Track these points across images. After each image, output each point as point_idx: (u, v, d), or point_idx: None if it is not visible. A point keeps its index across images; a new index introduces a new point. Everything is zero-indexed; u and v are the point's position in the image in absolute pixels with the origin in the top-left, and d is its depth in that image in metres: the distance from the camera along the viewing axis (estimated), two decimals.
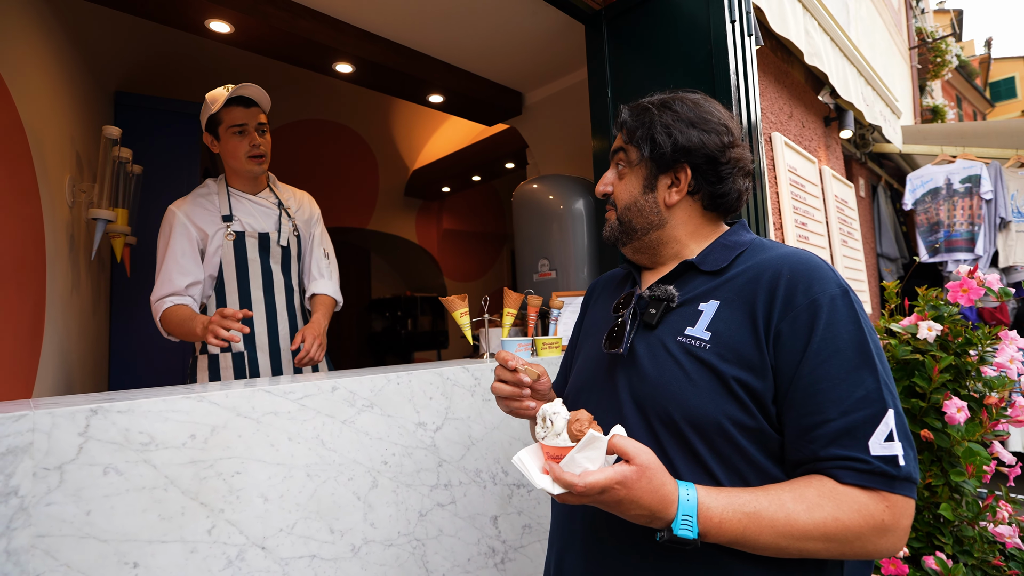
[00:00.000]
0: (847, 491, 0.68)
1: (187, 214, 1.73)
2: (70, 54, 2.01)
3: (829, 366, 0.71)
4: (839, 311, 0.74)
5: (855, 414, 0.69)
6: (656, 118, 0.89)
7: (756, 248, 0.87)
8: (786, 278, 0.77)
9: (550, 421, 0.71)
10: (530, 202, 2.40)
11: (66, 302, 1.90)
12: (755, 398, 0.74)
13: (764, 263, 0.81)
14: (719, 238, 0.91)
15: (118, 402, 0.92)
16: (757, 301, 0.77)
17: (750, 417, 0.74)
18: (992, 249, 3.91)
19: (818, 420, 0.70)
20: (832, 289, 0.75)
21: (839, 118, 3.49)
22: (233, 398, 1.04)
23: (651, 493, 0.65)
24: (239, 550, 1.02)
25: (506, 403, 0.93)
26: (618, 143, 0.96)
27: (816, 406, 0.71)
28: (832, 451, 0.69)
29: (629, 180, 0.93)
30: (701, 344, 0.78)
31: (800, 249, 0.84)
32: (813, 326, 0.73)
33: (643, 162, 0.91)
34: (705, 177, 0.90)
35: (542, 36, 2.40)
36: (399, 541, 1.25)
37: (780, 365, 0.74)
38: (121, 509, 0.90)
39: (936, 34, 7.91)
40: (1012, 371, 1.69)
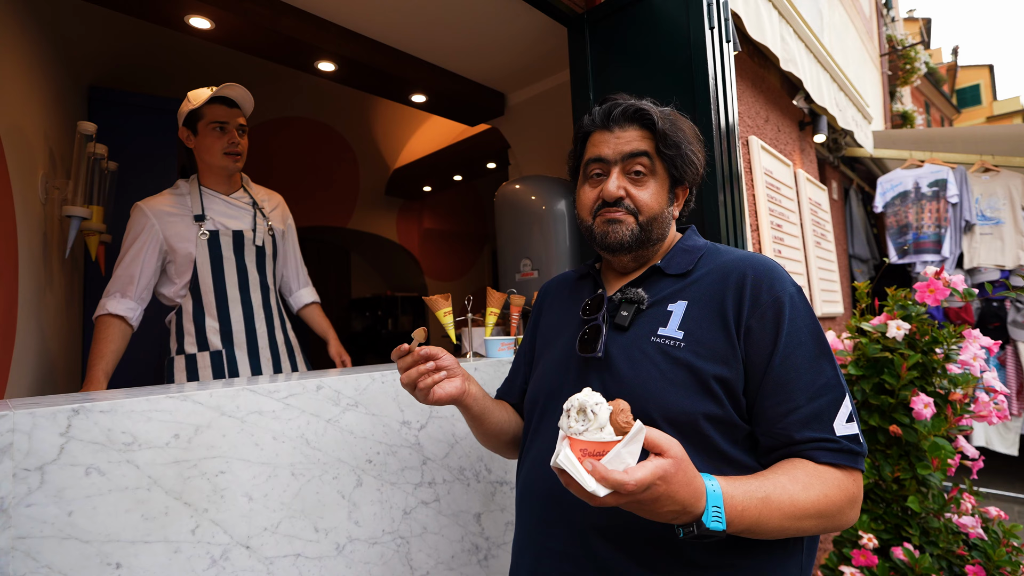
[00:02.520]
0: (826, 470, 0.74)
1: (155, 214, 1.71)
2: (43, 48, 1.96)
3: (796, 358, 0.78)
4: (798, 307, 0.81)
5: (821, 399, 0.76)
6: (686, 137, 0.92)
7: (712, 252, 0.93)
8: (751, 278, 0.82)
9: (591, 412, 0.63)
10: (512, 202, 2.42)
11: (40, 301, 1.86)
12: (728, 391, 0.79)
13: (727, 266, 0.87)
14: (678, 243, 0.97)
15: (100, 402, 0.91)
16: (726, 300, 0.82)
17: (721, 409, 0.78)
18: (958, 251, 4.05)
19: (791, 407, 0.76)
20: (790, 288, 0.82)
21: (813, 123, 3.59)
22: (217, 397, 1.03)
23: (686, 486, 0.63)
24: (223, 550, 1.01)
25: (421, 389, 0.89)
26: (641, 146, 0.91)
27: (787, 394, 0.76)
28: (806, 434, 0.75)
29: (655, 189, 0.92)
30: (675, 343, 0.82)
31: (752, 252, 0.91)
32: (779, 322, 0.79)
33: (666, 176, 0.93)
34: (692, 196, 1.01)
35: (525, 38, 2.42)
36: (384, 539, 1.26)
37: (752, 358, 0.79)
38: (104, 509, 0.89)
39: (906, 42, 8.16)
40: (975, 368, 1.77)
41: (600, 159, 0.92)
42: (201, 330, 1.74)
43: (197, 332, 1.74)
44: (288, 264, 2.03)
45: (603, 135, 0.93)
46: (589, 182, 0.95)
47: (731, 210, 1.68)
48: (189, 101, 1.77)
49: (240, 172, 1.90)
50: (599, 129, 0.94)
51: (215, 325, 1.75)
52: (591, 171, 0.94)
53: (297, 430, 1.14)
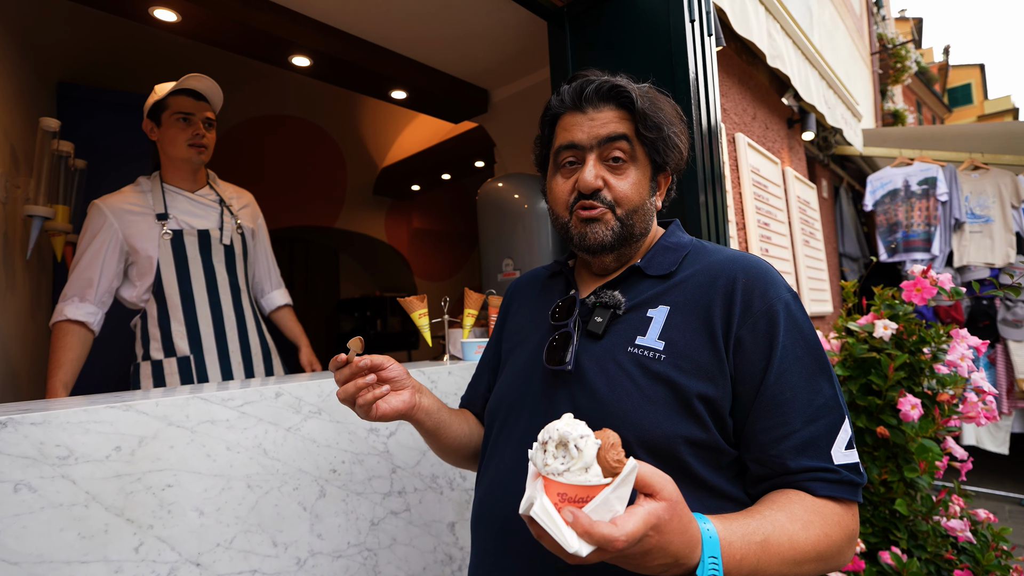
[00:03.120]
0: (825, 504, 0.66)
1: (113, 212, 1.63)
2: (3, 43, 1.89)
3: (791, 375, 0.69)
4: (795, 317, 0.72)
5: (818, 423, 0.68)
6: (667, 117, 0.81)
7: (699, 250, 0.83)
8: (742, 283, 0.73)
9: (575, 448, 0.51)
10: (495, 201, 2.37)
11: (1, 303, 1.79)
12: (713, 412, 0.70)
13: (715, 267, 0.77)
14: (660, 240, 0.86)
15: (32, 413, 0.85)
16: (713, 307, 0.73)
17: (705, 432, 0.69)
18: (947, 249, 4.04)
19: (786, 431, 0.67)
20: (784, 294, 0.73)
21: (802, 120, 3.56)
22: (164, 407, 0.98)
23: (681, 535, 0.53)
24: (171, 568, 0.96)
25: (360, 405, 0.77)
26: (619, 128, 0.80)
27: (782, 416, 0.68)
28: (802, 462, 0.67)
29: (636, 178, 0.81)
30: (655, 355, 0.72)
31: (744, 252, 0.81)
32: (773, 333, 0.70)
33: (647, 162, 0.82)
34: (674, 184, 0.90)
35: (506, 33, 2.37)
36: (349, 552, 1.20)
37: (742, 374, 0.70)
38: (35, 529, 0.84)
39: (896, 40, 8.17)
40: (963, 368, 1.73)
41: (573, 145, 0.81)
42: (167, 335, 1.66)
43: (163, 337, 1.66)
44: (259, 264, 1.96)
45: (575, 117, 0.82)
46: (561, 172, 0.84)
47: (713, 211, 1.63)
48: (155, 93, 1.70)
49: (206, 168, 1.82)
50: (570, 111, 0.83)
51: (182, 330, 1.67)
52: (563, 159, 0.83)
53: (254, 440, 1.09)
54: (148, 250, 1.64)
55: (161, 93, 1.69)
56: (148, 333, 1.67)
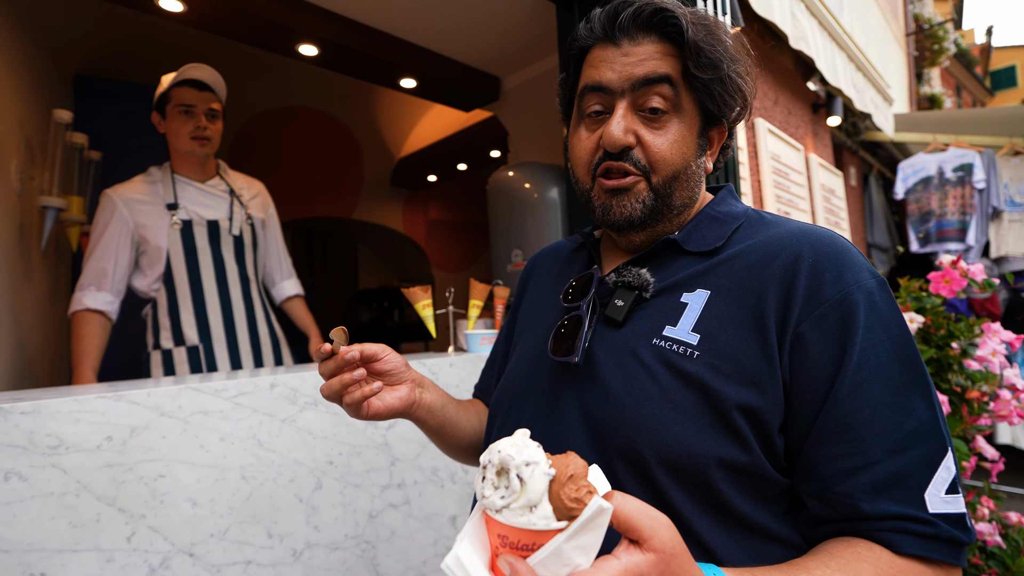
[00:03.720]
0: (910, 568, 0.50)
1: (126, 203, 1.65)
2: (16, 36, 1.92)
3: (872, 387, 0.52)
4: (881, 310, 0.55)
5: (906, 454, 0.51)
6: (728, 52, 0.63)
7: (756, 223, 0.66)
8: (808, 262, 0.57)
9: (517, 479, 0.39)
10: (504, 190, 2.33)
11: (18, 294, 1.83)
12: (759, 429, 0.54)
13: (774, 242, 0.60)
14: (704, 208, 0.69)
15: (22, 403, 0.85)
16: (767, 292, 0.57)
17: (746, 454, 0.54)
18: (983, 239, 3.86)
19: (860, 462, 0.51)
20: (868, 280, 0.56)
21: (828, 105, 3.42)
22: (156, 397, 0.97)
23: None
24: (163, 558, 0.96)
25: (348, 403, 0.66)
26: (661, 68, 0.62)
27: (855, 442, 0.52)
28: (882, 506, 0.50)
29: (678, 134, 0.63)
30: (686, 350, 0.58)
31: (817, 226, 0.62)
32: (848, 330, 0.53)
33: (696, 112, 0.64)
34: (734, 138, 0.71)
35: (516, 18, 2.31)
36: (346, 544, 1.19)
37: (801, 383, 0.54)
38: (25, 517, 0.84)
39: (933, 20, 7.81)
40: (994, 364, 1.64)
41: (599, 87, 0.64)
42: (176, 324, 1.68)
43: (173, 326, 1.68)
44: (270, 254, 1.97)
45: (606, 51, 0.64)
46: (585, 122, 0.67)
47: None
48: (161, 85, 1.71)
49: (215, 158, 1.83)
50: (600, 42, 0.65)
51: (191, 319, 1.69)
52: (588, 105, 0.66)
53: (248, 431, 1.08)
54: (158, 240, 1.66)
55: (165, 85, 1.70)
56: (158, 322, 1.70)
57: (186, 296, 1.69)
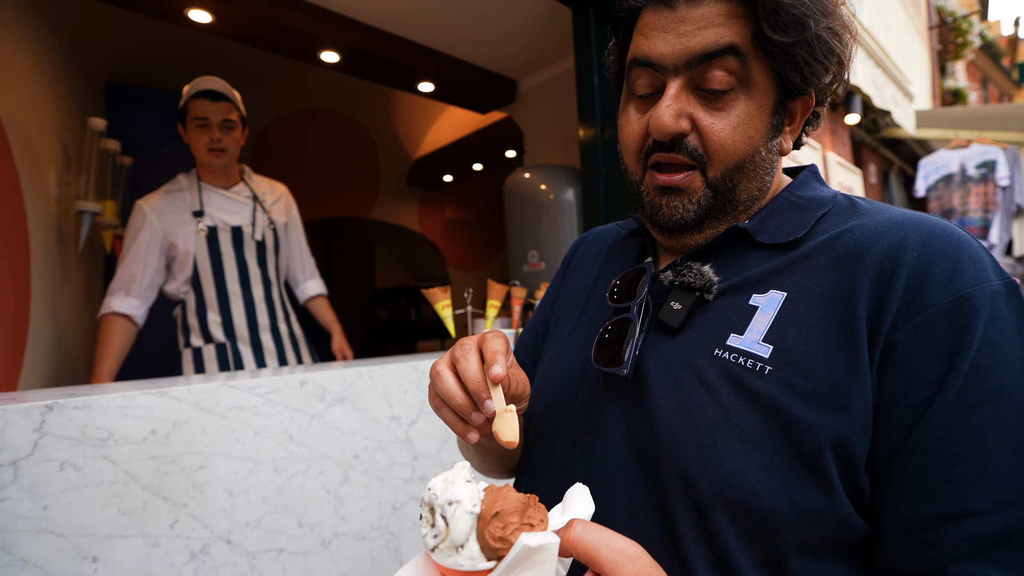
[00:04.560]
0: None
1: (155, 212, 1.73)
2: (52, 45, 2.01)
3: (982, 416, 0.41)
4: (1005, 321, 0.42)
5: (1021, 509, 0.40)
6: (816, 4, 0.50)
7: (846, 210, 0.54)
8: (913, 256, 0.45)
9: (442, 518, 0.38)
10: (520, 192, 2.37)
11: (57, 294, 1.93)
12: (844, 464, 0.44)
13: (869, 231, 0.49)
14: (782, 193, 0.58)
15: (75, 398, 0.92)
16: (858, 291, 0.46)
17: (827, 496, 0.44)
18: (1007, 237, 3.80)
19: (954, 510, 0.41)
20: (993, 282, 0.43)
21: (846, 102, 3.40)
22: (195, 393, 1.03)
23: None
24: (203, 544, 1.02)
25: (443, 414, 0.52)
26: (725, 37, 0.50)
27: (953, 484, 0.41)
28: (975, 570, 0.40)
29: (745, 114, 0.52)
30: (756, 364, 0.48)
31: (928, 215, 0.50)
32: (960, 343, 0.42)
33: (770, 85, 0.52)
34: (823, 112, 0.59)
35: (531, 21, 2.35)
36: (372, 534, 1.25)
37: (889, 404, 0.44)
38: (79, 504, 0.90)
39: (957, 13, 7.65)
40: None
41: (649, 63, 0.53)
42: (204, 324, 1.78)
43: (201, 326, 1.78)
44: (293, 256, 2.05)
45: (659, 15, 0.52)
46: (635, 102, 0.57)
47: None
48: (181, 97, 1.81)
49: (239, 165, 1.92)
50: (653, 4, 0.53)
51: (217, 319, 1.79)
52: (637, 82, 0.56)
53: (280, 425, 1.14)
54: (186, 245, 1.75)
55: (183, 99, 1.79)
56: (188, 323, 1.79)
57: (212, 298, 1.78)
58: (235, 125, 1.82)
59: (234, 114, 1.81)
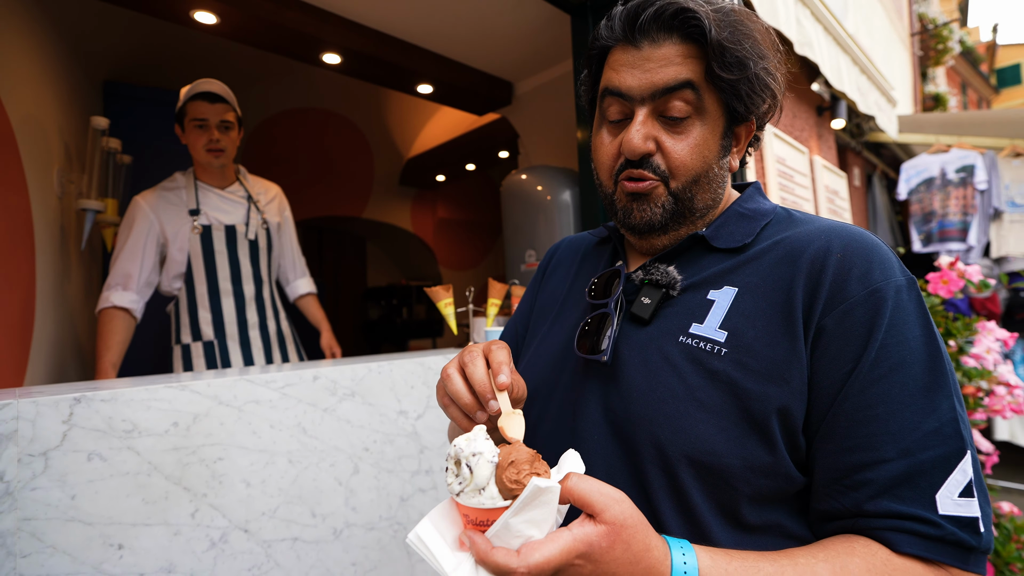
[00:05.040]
0: (907, 566, 0.49)
1: (153, 208, 1.76)
2: (55, 44, 2.02)
3: (889, 384, 0.51)
4: (906, 309, 0.54)
5: (922, 454, 0.50)
6: (757, 47, 0.61)
7: (784, 220, 0.66)
8: (837, 257, 0.56)
9: (467, 467, 0.47)
10: (518, 192, 2.41)
11: (58, 292, 1.94)
12: (786, 427, 0.54)
13: (802, 237, 0.60)
14: (732, 205, 0.69)
15: (101, 391, 0.95)
16: (795, 286, 0.57)
17: (772, 454, 0.54)
18: (985, 239, 3.92)
19: (868, 459, 0.51)
20: (897, 278, 0.55)
21: (832, 107, 3.49)
22: (215, 387, 1.07)
23: (630, 565, 0.45)
24: (222, 532, 1.05)
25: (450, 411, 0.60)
26: (682, 74, 0.60)
27: (867, 439, 0.51)
28: (885, 505, 0.50)
29: (700, 138, 0.62)
30: (713, 348, 0.58)
31: (848, 223, 0.62)
32: (872, 325, 0.53)
33: (720, 113, 0.63)
34: (761, 134, 0.71)
35: (530, 26, 2.40)
36: (380, 525, 1.29)
37: (819, 377, 0.54)
38: (105, 493, 0.94)
39: (938, 20, 7.83)
40: (988, 361, 1.72)
41: (619, 93, 0.63)
42: (195, 321, 1.81)
43: (191, 323, 1.81)
44: (285, 255, 2.09)
45: (626, 54, 0.63)
46: (607, 127, 0.67)
47: None
48: (179, 99, 1.84)
49: (235, 165, 1.95)
50: (621, 43, 0.64)
51: (208, 316, 1.82)
52: (608, 110, 0.66)
53: (294, 419, 1.17)
54: (180, 242, 1.78)
55: (181, 100, 1.82)
56: (180, 319, 1.83)
57: (204, 295, 1.81)
58: (232, 126, 1.85)
59: (231, 115, 1.85)
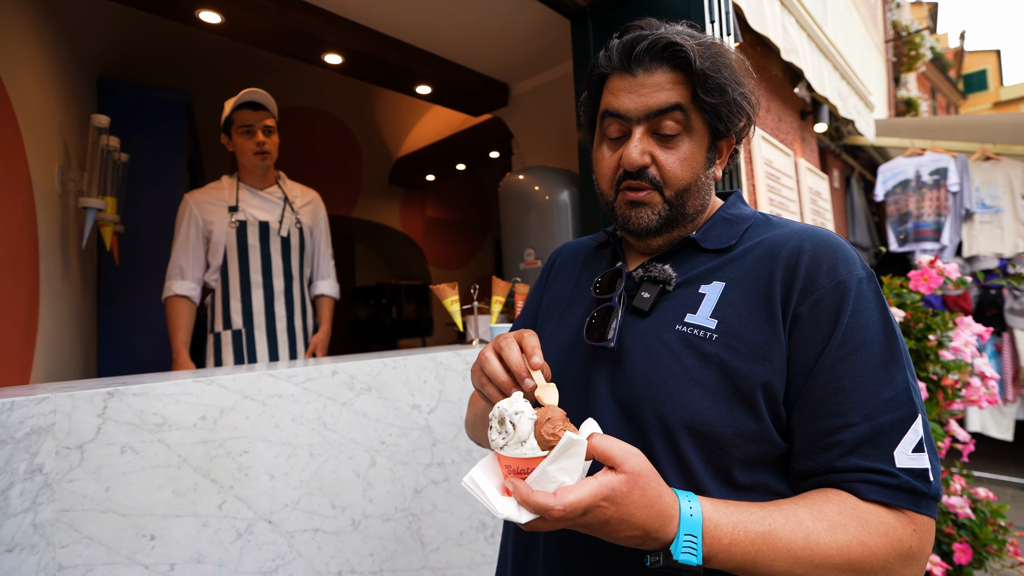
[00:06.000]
0: (871, 509, 0.59)
1: (197, 204, 1.92)
2: (56, 42, 2.01)
3: (854, 360, 0.61)
4: (867, 297, 0.64)
5: (881, 418, 0.60)
6: (734, 75, 0.72)
7: (762, 223, 0.76)
8: (808, 255, 0.66)
9: (511, 424, 0.55)
10: (516, 193, 2.46)
11: (58, 290, 1.93)
12: (769, 399, 0.63)
13: (779, 238, 0.70)
14: (718, 211, 0.79)
15: (133, 385, 0.97)
16: (774, 280, 0.66)
17: (758, 423, 0.63)
18: (957, 239, 4.08)
19: (838, 424, 0.61)
20: (858, 271, 0.65)
21: (815, 112, 3.61)
22: (240, 381, 1.09)
23: (646, 507, 0.53)
24: (248, 524, 1.08)
25: (487, 389, 0.68)
26: (672, 98, 0.70)
27: (836, 407, 0.61)
28: (853, 461, 0.59)
29: (689, 152, 0.72)
30: (706, 334, 0.66)
31: (815, 226, 0.72)
32: (839, 312, 0.62)
33: (705, 131, 0.73)
34: (740, 148, 0.81)
35: (529, 30, 2.45)
36: (396, 516, 1.32)
37: (796, 357, 0.63)
38: (138, 485, 0.96)
39: (911, 28, 8.09)
40: (966, 354, 1.82)
41: (618, 115, 0.73)
42: (227, 311, 1.92)
43: (224, 312, 1.92)
44: (316, 257, 2.22)
45: (623, 80, 0.72)
46: (608, 143, 0.76)
47: None
48: (224, 110, 1.97)
49: (275, 169, 2.09)
50: (618, 71, 0.73)
51: (238, 306, 1.93)
52: (608, 128, 0.75)
53: (314, 412, 1.20)
54: (219, 236, 1.91)
55: (227, 110, 1.95)
56: (214, 310, 1.94)
57: (236, 285, 1.92)
58: (273, 130, 2.01)
59: (272, 120, 1.99)
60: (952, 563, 1.68)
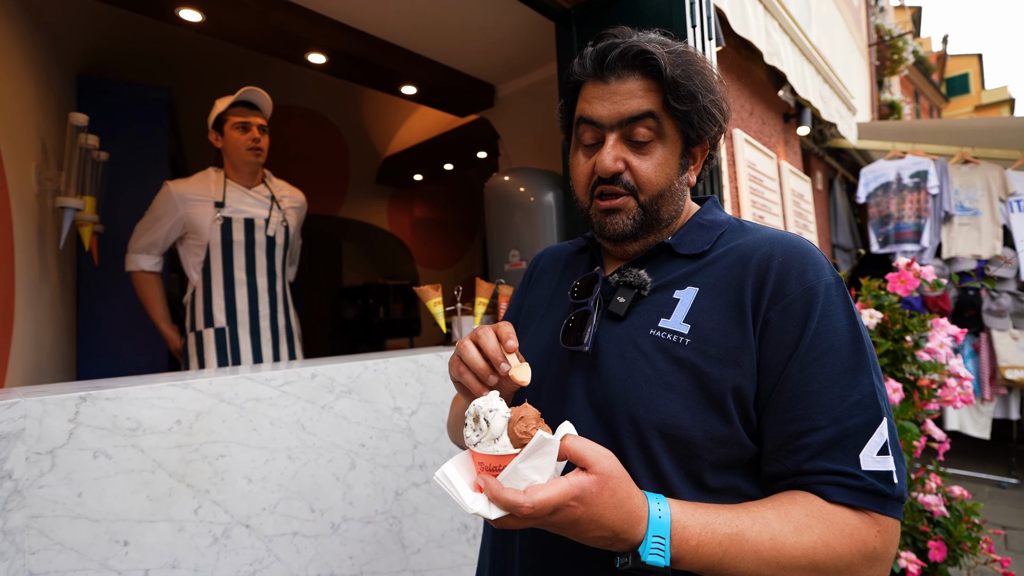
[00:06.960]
0: (836, 511, 0.59)
1: (180, 196, 1.89)
2: (32, 38, 1.97)
3: (821, 365, 0.62)
4: (835, 303, 0.64)
5: (847, 422, 0.60)
6: (705, 83, 0.72)
7: (736, 229, 0.77)
8: (778, 261, 0.67)
9: (484, 421, 0.56)
10: (501, 194, 2.46)
11: (35, 291, 1.90)
12: (740, 403, 0.64)
13: (751, 244, 0.71)
14: (693, 217, 0.80)
15: (106, 389, 0.96)
16: (745, 286, 0.67)
17: (728, 426, 0.64)
18: (936, 241, 4.16)
19: (805, 427, 0.61)
20: (827, 277, 0.66)
21: (798, 115, 3.65)
22: (217, 385, 1.09)
23: (615, 508, 0.53)
24: (224, 528, 1.07)
25: (465, 377, 0.68)
26: (644, 105, 0.71)
27: (804, 411, 0.62)
28: (819, 464, 0.60)
29: (662, 158, 0.73)
30: (678, 339, 0.67)
31: (787, 232, 0.73)
32: (807, 317, 0.63)
33: (678, 137, 0.74)
34: (711, 154, 0.80)
35: (514, 31, 2.45)
36: (377, 518, 1.32)
37: (765, 361, 0.64)
38: (111, 491, 0.95)
39: (894, 32, 8.21)
40: (941, 355, 1.86)
41: (592, 122, 0.74)
42: (209, 308, 1.89)
43: (205, 310, 1.89)
44: (291, 247, 2.21)
45: (597, 88, 0.73)
46: (583, 150, 0.77)
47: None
48: (216, 107, 1.95)
49: (263, 168, 2.07)
50: (592, 79, 0.74)
51: (221, 303, 1.90)
52: (583, 135, 0.76)
53: (293, 416, 1.20)
54: (203, 230, 1.88)
55: (222, 107, 1.93)
56: (194, 308, 1.91)
57: (219, 283, 1.90)
58: (266, 130, 2.01)
59: (263, 120, 2.00)
60: (927, 560, 1.71)
